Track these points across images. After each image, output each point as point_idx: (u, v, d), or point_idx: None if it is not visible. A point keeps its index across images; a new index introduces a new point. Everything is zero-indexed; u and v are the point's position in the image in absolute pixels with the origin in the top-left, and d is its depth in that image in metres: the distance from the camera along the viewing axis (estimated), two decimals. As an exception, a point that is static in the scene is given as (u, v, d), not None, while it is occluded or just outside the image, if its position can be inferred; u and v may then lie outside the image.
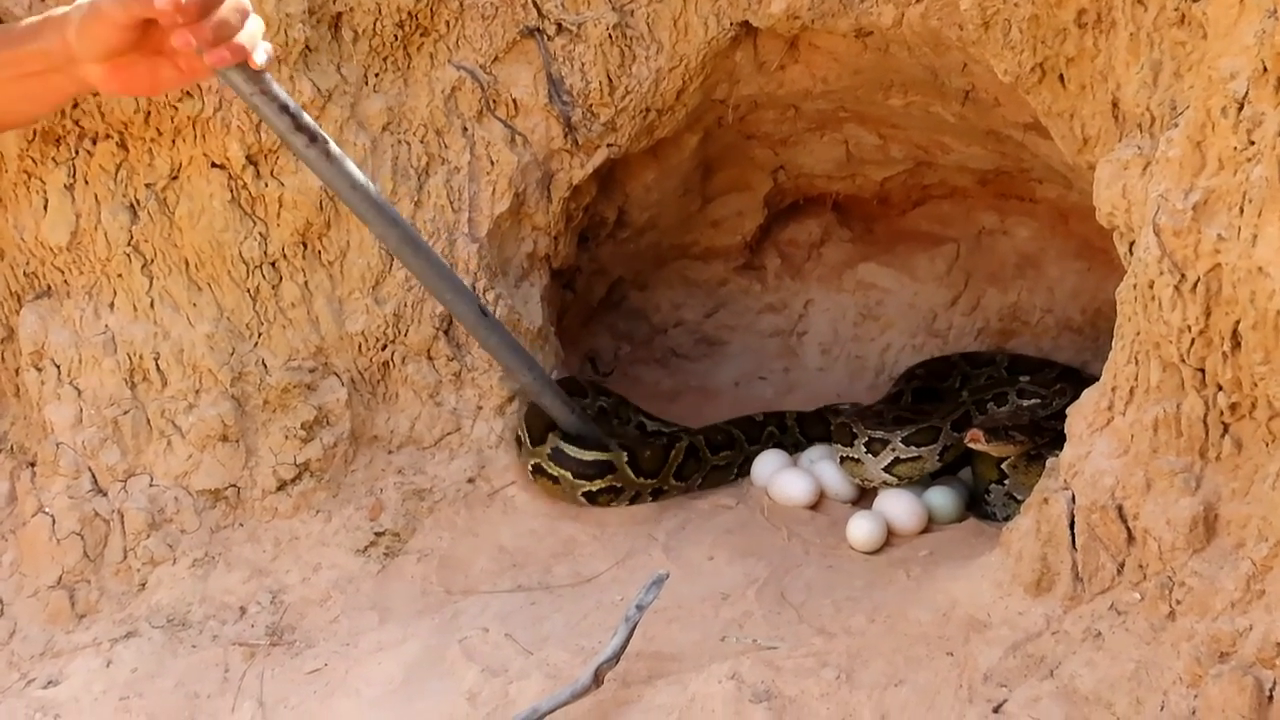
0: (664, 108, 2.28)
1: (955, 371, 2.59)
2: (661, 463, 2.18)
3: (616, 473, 2.14)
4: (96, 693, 1.78)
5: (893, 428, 2.15)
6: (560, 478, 2.13)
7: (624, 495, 2.15)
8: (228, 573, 1.99)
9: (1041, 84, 1.71)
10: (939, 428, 2.17)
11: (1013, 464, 2.11)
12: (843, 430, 2.20)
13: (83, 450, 2.02)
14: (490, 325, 1.98)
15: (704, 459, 2.23)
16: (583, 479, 2.13)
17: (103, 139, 2.01)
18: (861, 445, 2.14)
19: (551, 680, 1.66)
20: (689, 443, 2.23)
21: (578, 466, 2.13)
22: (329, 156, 1.65)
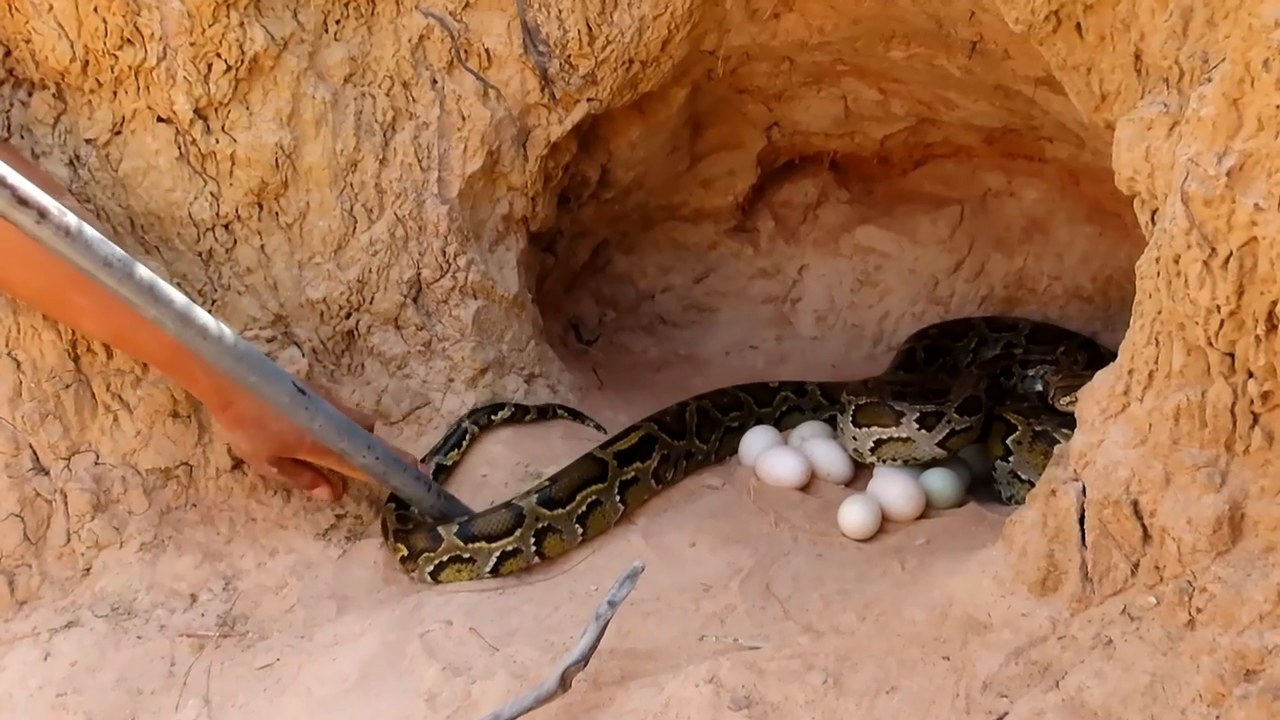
0: (648, 59, 2.12)
1: (972, 333, 2.45)
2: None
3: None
4: (32, 688, 1.66)
5: (941, 399, 2.02)
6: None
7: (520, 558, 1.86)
8: (178, 557, 1.86)
9: (1056, 34, 1.55)
10: (979, 396, 2.05)
11: (1017, 440, 1.99)
12: (876, 411, 2.01)
13: (22, 426, 1.88)
14: (311, 404, 1.69)
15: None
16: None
17: (39, 88, 1.86)
18: (913, 422, 1.99)
19: (517, 680, 1.54)
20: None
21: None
22: (67, 232, 1.38)
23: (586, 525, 1.89)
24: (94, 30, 1.79)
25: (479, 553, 1.82)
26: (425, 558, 1.82)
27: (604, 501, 1.91)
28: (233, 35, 1.85)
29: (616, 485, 1.93)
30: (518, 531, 1.83)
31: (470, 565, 1.82)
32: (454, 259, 2.11)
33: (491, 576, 1.82)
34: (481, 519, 1.85)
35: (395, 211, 2.06)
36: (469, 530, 1.83)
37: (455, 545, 1.82)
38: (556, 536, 1.86)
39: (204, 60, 1.85)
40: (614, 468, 1.94)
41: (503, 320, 2.19)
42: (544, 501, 1.86)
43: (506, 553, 1.83)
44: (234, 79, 1.88)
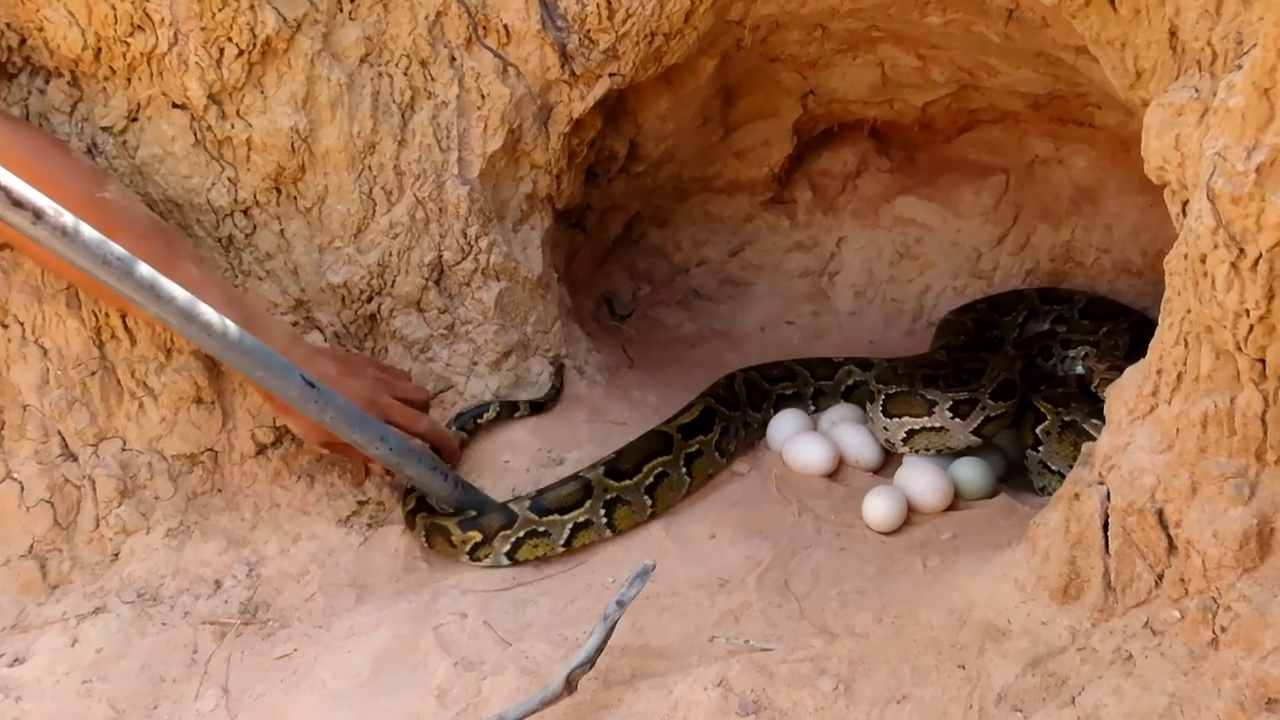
0: (672, 31, 2.05)
1: (1022, 305, 2.37)
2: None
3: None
4: (59, 674, 1.69)
5: (974, 385, 1.96)
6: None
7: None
8: (204, 543, 1.88)
9: (1089, 6, 1.46)
10: (1014, 379, 1.99)
11: (1046, 430, 1.91)
12: (907, 400, 1.94)
13: (50, 413, 1.91)
14: (321, 396, 1.69)
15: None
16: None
17: (55, 76, 1.86)
18: (946, 410, 1.92)
19: (527, 677, 1.53)
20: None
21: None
22: (64, 232, 1.39)
23: (655, 498, 1.89)
24: (104, 17, 1.78)
25: (553, 525, 1.82)
26: (502, 536, 1.81)
27: (670, 474, 1.91)
28: (243, 19, 1.82)
29: (682, 458, 1.93)
30: (588, 503, 1.83)
31: (546, 539, 1.82)
32: (475, 240, 2.08)
33: (565, 550, 1.82)
34: (551, 492, 1.85)
35: (415, 193, 2.03)
36: (542, 504, 1.83)
37: (530, 520, 1.81)
38: (626, 508, 1.86)
39: (215, 45, 1.83)
40: (678, 440, 1.95)
41: (526, 302, 2.16)
42: (610, 473, 1.87)
43: (579, 524, 1.83)
44: (247, 63, 1.86)
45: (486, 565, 1.82)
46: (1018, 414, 1.98)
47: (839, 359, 2.25)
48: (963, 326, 2.27)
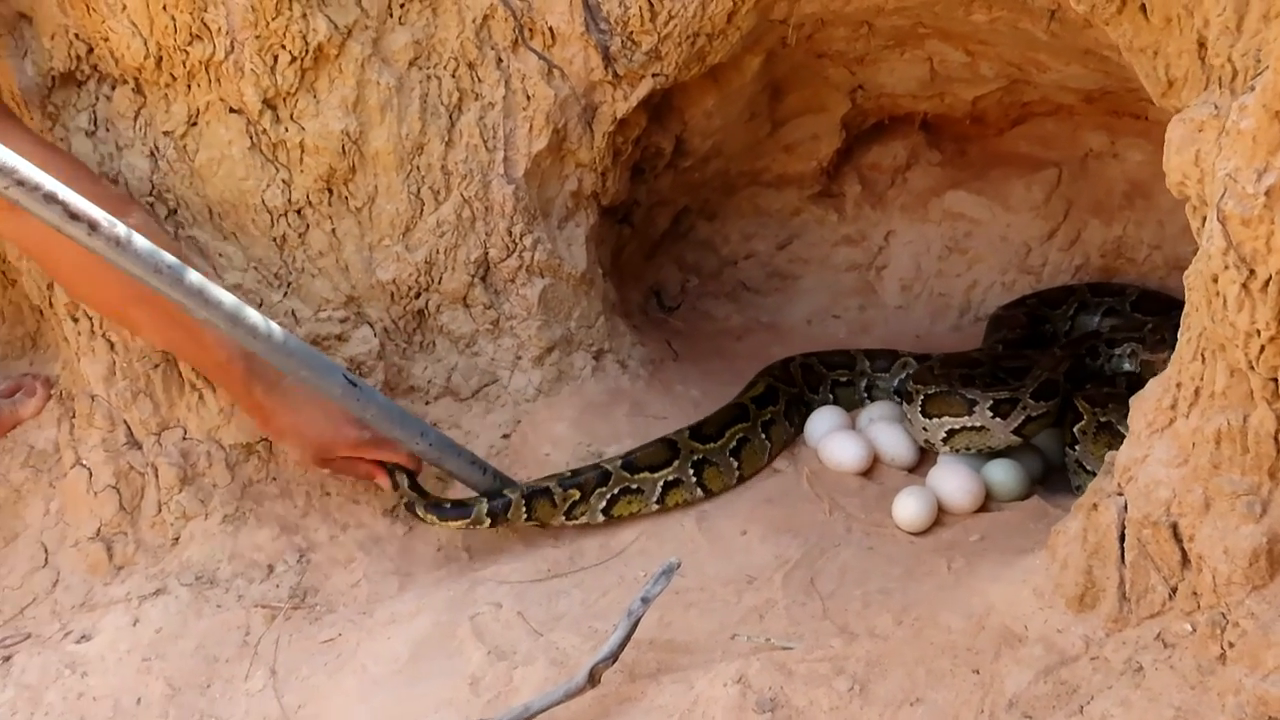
0: (714, 32, 2.08)
1: (1073, 299, 2.36)
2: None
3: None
4: (121, 652, 1.79)
5: (1016, 384, 1.96)
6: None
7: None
8: (258, 529, 1.97)
9: (1121, 14, 1.45)
10: (1057, 379, 1.99)
11: (1083, 429, 1.91)
12: (946, 400, 1.95)
13: (116, 403, 2.01)
14: (363, 395, 1.76)
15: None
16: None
17: (120, 83, 1.95)
18: (986, 410, 1.92)
19: (556, 668, 1.59)
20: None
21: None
22: (118, 242, 1.48)
23: (740, 460, 1.98)
24: (164, 27, 1.85)
25: (645, 483, 1.90)
26: (598, 494, 1.89)
27: (752, 439, 2.01)
28: (296, 27, 1.89)
29: (759, 425, 2.03)
30: (675, 462, 1.92)
31: (639, 496, 1.90)
32: (520, 238, 2.13)
33: (659, 508, 1.91)
34: (639, 451, 1.95)
35: (462, 193, 2.08)
36: (631, 460, 1.92)
37: (623, 477, 1.90)
38: (715, 470, 1.95)
39: (269, 52, 1.90)
40: (753, 410, 2.05)
41: (570, 298, 2.21)
42: (695, 435, 1.96)
43: (669, 482, 1.92)
44: (300, 69, 1.93)
45: (581, 520, 1.90)
46: (1060, 413, 1.98)
47: (902, 352, 2.28)
48: (1016, 321, 2.27)
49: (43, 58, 1.92)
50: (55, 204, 1.40)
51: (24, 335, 2.26)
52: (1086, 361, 2.17)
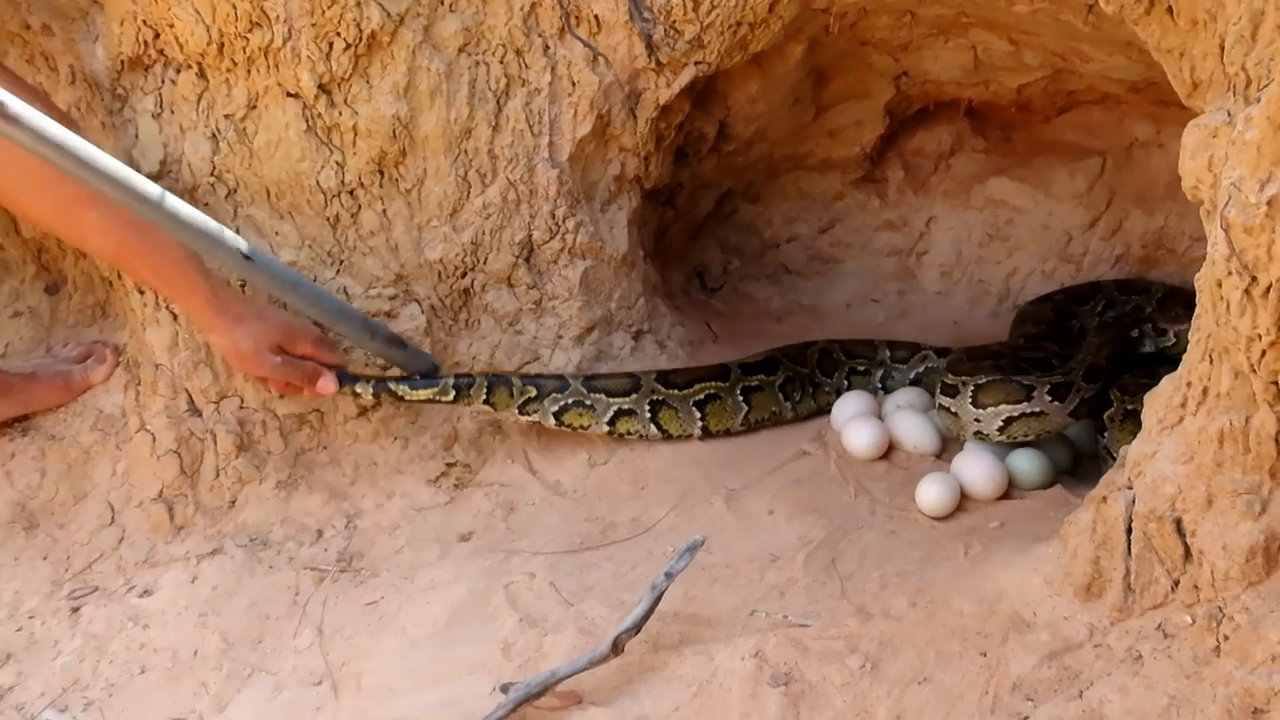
0: (756, 21, 2.12)
1: (1100, 296, 2.37)
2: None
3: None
4: (180, 607, 1.90)
5: (1067, 369, 1.99)
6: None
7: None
8: (309, 495, 2.07)
9: (1149, 15, 1.47)
10: (1101, 363, 2.03)
11: (1111, 416, 1.93)
12: (1002, 388, 1.94)
13: (179, 372, 2.12)
14: (257, 263, 1.82)
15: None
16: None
17: (184, 68, 2.04)
18: (1045, 394, 1.94)
19: (584, 636, 1.66)
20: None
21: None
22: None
23: (705, 414, 2.07)
24: (225, 15, 1.94)
25: (599, 403, 2.03)
26: (553, 398, 2.03)
27: (723, 398, 2.09)
28: (350, 15, 1.96)
29: (739, 388, 2.11)
30: (634, 395, 2.05)
31: (591, 412, 2.03)
32: (563, 221, 2.20)
33: (608, 430, 2.04)
34: (605, 376, 2.08)
35: (507, 176, 2.15)
36: (592, 382, 2.05)
37: (579, 391, 2.04)
38: (672, 414, 2.06)
39: (325, 39, 1.97)
40: (737, 373, 2.13)
41: (611, 279, 2.27)
42: (660, 378, 2.08)
43: (623, 410, 2.04)
44: (353, 55, 2.00)
45: (533, 418, 2.02)
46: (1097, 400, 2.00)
47: (923, 345, 2.31)
48: (1042, 316, 2.29)
49: (112, 43, 2.02)
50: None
51: (94, 304, 2.38)
52: (1131, 340, 2.18)
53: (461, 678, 1.63)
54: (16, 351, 2.40)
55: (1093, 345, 2.12)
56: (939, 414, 2.04)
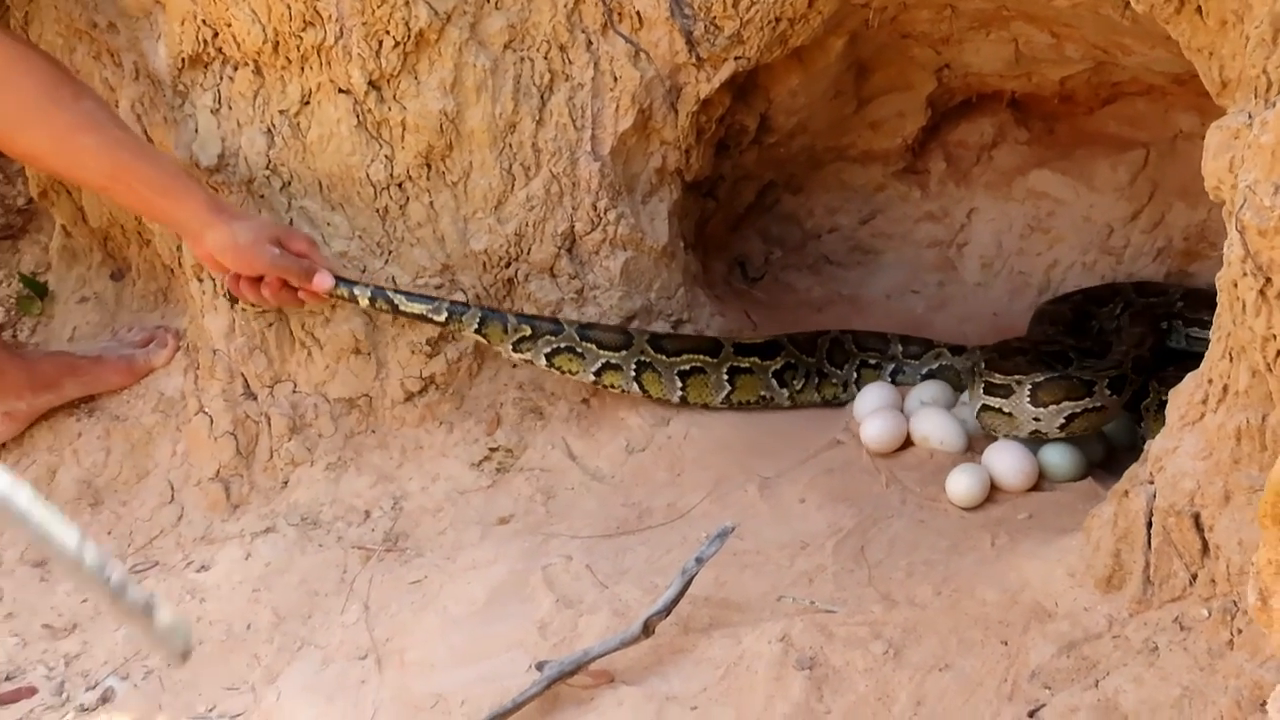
0: (795, 17, 2.15)
1: (1119, 298, 2.37)
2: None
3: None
4: (235, 582, 2.00)
5: (1118, 361, 2.00)
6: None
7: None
8: (357, 477, 2.15)
9: (1180, 14, 1.49)
10: (1145, 354, 2.06)
11: (1147, 406, 1.95)
12: (1063, 385, 1.93)
13: (235, 357, 2.21)
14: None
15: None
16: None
17: (241, 66, 2.12)
18: (1106, 389, 1.94)
19: (618, 618, 1.72)
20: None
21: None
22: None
23: (686, 385, 2.13)
24: (281, 15, 2.01)
25: (589, 352, 2.10)
26: (546, 340, 2.10)
27: (708, 373, 2.14)
28: (399, 14, 2.03)
29: (727, 367, 2.16)
30: (623, 352, 2.11)
31: (580, 360, 2.10)
32: (605, 213, 2.25)
33: (596, 380, 2.10)
34: (601, 327, 2.15)
35: (550, 169, 2.21)
36: (586, 331, 2.12)
37: (572, 338, 2.10)
38: (654, 378, 2.12)
39: (375, 37, 2.04)
40: (728, 351, 2.17)
41: (651, 270, 2.32)
42: (652, 341, 2.14)
43: (609, 363, 2.11)
44: (402, 53, 2.07)
45: (525, 356, 2.09)
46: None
47: (938, 342, 2.32)
48: (1061, 316, 2.29)
49: (173, 41, 2.10)
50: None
51: (156, 290, 2.48)
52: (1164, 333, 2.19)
53: (499, 655, 1.69)
54: (83, 335, 2.51)
55: (1134, 336, 2.13)
56: (983, 415, 2.00)
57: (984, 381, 2.02)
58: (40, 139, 1.94)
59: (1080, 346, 2.11)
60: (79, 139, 1.92)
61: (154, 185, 1.97)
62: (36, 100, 1.83)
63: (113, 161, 1.95)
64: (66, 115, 1.85)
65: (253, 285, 2.02)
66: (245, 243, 1.97)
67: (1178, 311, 2.20)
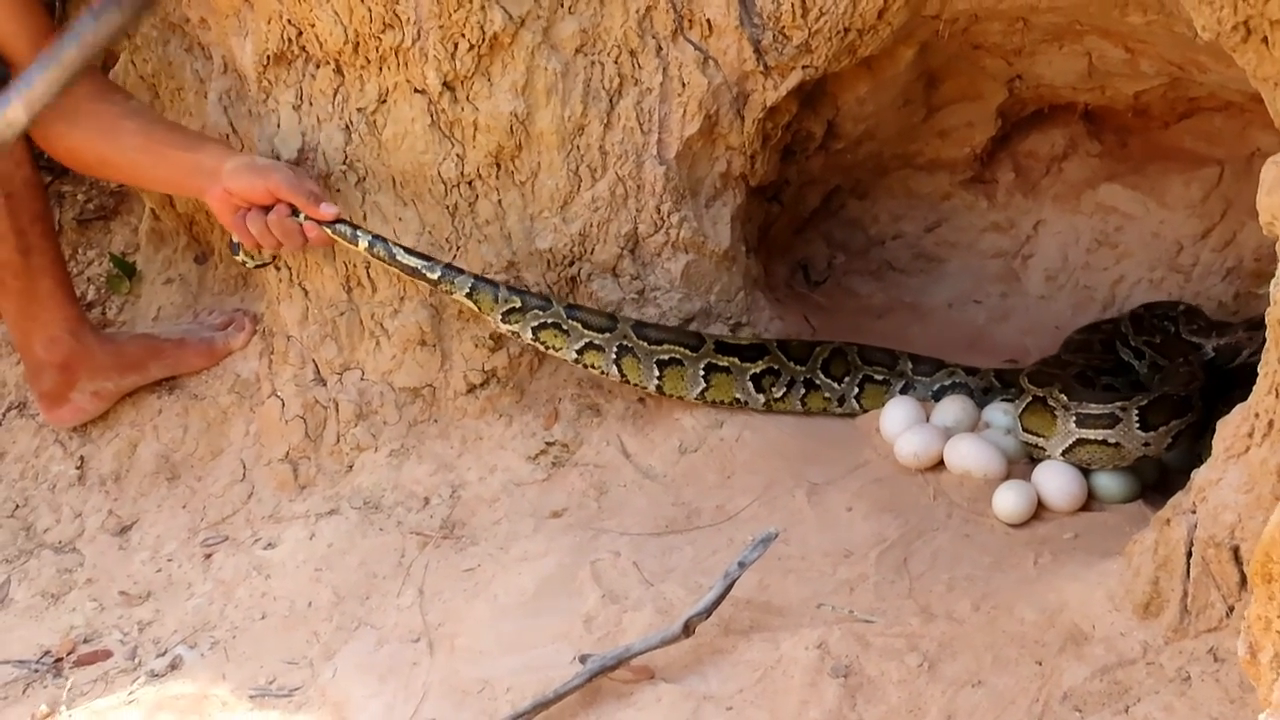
0: (865, 28, 2.16)
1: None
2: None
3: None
4: (299, 561, 2.08)
5: (1187, 382, 2.01)
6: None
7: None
8: (418, 464, 2.23)
9: (1246, 44, 1.48)
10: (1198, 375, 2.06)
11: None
12: (1165, 405, 1.92)
13: (307, 344, 2.30)
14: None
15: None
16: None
17: (323, 64, 2.19)
18: (1198, 401, 1.94)
19: (661, 616, 1.77)
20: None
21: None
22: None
23: (663, 375, 2.17)
24: (361, 17, 2.08)
25: (574, 330, 2.15)
26: (534, 314, 2.14)
27: (685, 366, 2.17)
28: (475, 18, 2.08)
29: (704, 363, 2.18)
30: (606, 334, 2.15)
31: (565, 337, 2.15)
32: (668, 216, 2.29)
33: (577, 359, 2.15)
34: (589, 309, 2.20)
35: (616, 171, 2.25)
36: (574, 310, 2.16)
37: (559, 315, 2.15)
38: (634, 364, 2.16)
39: (451, 40, 2.10)
40: (709, 348, 2.19)
41: (712, 273, 2.35)
42: (636, 327, 2.18)
43: (591, 344, 2.15)
44: (476, 55, 2.13)
45: (513, 328, 2.14)
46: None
47: (948, 362, 2.30)
48: (1089, 345, 2.27)
49: (260, 39, 2.18)
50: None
51: (236, 276, 2.59)
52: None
53: (544, 646, 1.75)
54: (167, 315, 2.63)
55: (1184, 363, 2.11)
56: (1077, 450, 1.93)
57: (1076, 414, 1.94)
58: (89, 129, 2.15)
59: (1097, 365, 2.11)
60: (122, 124, 2.15)
61: (178, 143, 2.16)
62: (89, 95, 2.08)
63: (145, 135, 2.15)
64: (113, 108, 2.13)
65: (260, 220, 2.06)
66: (262, 164, 2.10)
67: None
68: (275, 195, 2.06)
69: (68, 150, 2.21)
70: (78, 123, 2.13)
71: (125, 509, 2.27)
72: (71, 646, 1.98)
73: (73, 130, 2.14)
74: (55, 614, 2.06)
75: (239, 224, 2.09)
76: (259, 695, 1.79)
